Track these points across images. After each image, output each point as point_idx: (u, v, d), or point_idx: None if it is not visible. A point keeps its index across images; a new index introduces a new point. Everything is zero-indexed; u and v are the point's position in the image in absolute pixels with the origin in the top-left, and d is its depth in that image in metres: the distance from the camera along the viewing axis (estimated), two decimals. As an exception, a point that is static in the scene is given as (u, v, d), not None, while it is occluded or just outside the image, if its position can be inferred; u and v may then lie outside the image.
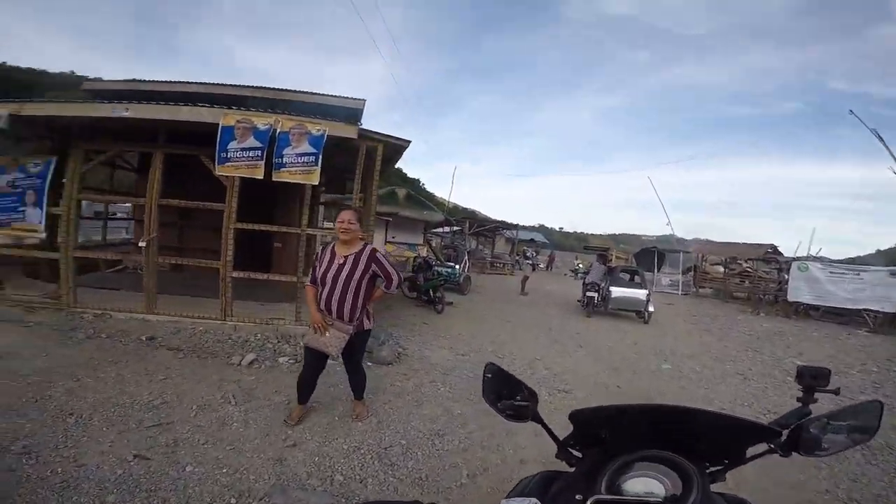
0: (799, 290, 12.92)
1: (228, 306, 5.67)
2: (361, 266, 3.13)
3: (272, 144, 5.07)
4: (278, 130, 5.09)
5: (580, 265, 23.47)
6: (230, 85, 7.94)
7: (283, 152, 5.10)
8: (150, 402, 3.53)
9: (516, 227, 24.78)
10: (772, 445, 0.98)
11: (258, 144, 5.06)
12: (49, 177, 5.51)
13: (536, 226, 58.13)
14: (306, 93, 7.01)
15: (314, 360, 3.30)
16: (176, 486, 2.53)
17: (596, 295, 10.77)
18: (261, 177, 5.08)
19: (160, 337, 5.10)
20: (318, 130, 5.14)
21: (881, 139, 12.76)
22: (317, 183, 5.22)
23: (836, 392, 1.27)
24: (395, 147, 5.96)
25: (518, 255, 25.73)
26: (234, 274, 5.60)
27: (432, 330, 7.48)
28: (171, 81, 8.01)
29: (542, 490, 1.02)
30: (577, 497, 0.88)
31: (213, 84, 7.86)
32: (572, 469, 1.07)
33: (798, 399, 1.22)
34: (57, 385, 3.62)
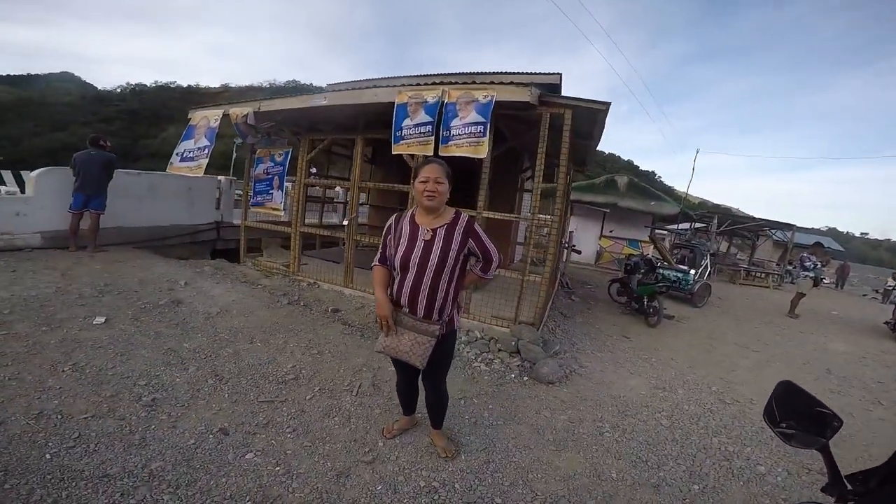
0: None
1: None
2: (456, 243, 2.29)
3: (440, 118, 4.68)
4: (445, 101, 4.65)
5: (894, 285, 16.91)
6: (426, 75, 8.16)
7: (451, 124, 4.61)
8: (285, 376, 3.54)
9: (791, 226, 18.92)
10: None
11: (428, 119, 4.70)
12: (286, 164, 6.61)
13: (823, 228, 43.20)
14: (496, 73, 6.33)
15: (404, 368, 2.62)
16: (214, 471, 2.39)
17: None
18: (431, 153, 4.73)
19: (344, 310, 5.39)
20: (486, 97, 4.44)
21: None
22: (484, 156, 4.53)
23: None
24: (589, 114, 4.67)
25: (792, 263, 19.51)
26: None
27: (632, 347, 5.94)
28: (383, 77, 8.77)
29: None
30: None
31: (415, 76, 8.20)
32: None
33: None
34: (234, 344, 4.02)
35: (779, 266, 18.91)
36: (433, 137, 4.68)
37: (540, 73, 7.60)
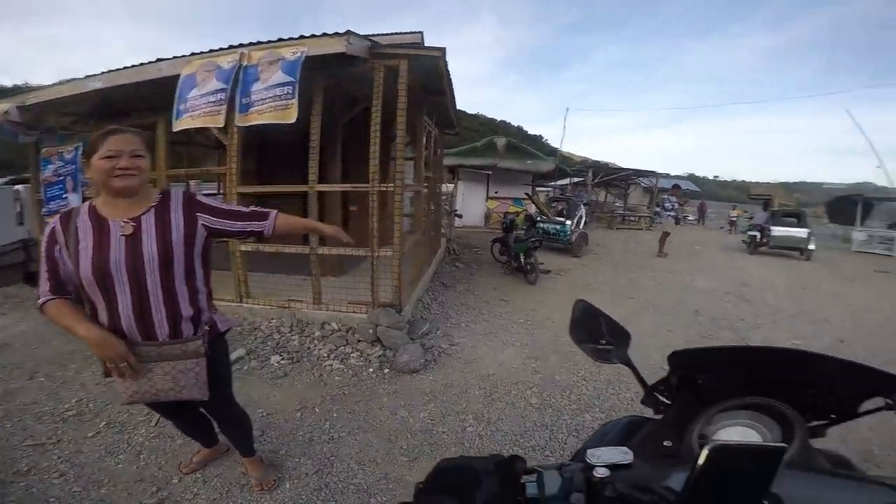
0: None
1: (243, 285, 4.65)
2: (179, 227, 1.62)
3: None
4: (245, 65, 3.79)
5: (738, 216, 21.07)
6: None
7: (251, 89, 3.79)
8: (65, 413, 2.98)
9: (655, 174, 20.83)
10: (889, 401, 0.81)
11: (220, 86, 3.81)
12: (78, 162, 5.31)
13: (685, 175, 49.43)
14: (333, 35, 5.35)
15: (173, 411, 2.02)
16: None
17: (758, 234, 12.21)
18: (221, 124, 3.82)
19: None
20: (294, 53, 3.66)
21: None
22: (292, 120, 3.72)
23: None
24: (428, 63, 4.18)
25: (657, 205, 21.59)
26: (243, 247, 4.55)
27: (510, 311, 5.63)
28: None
29: (625, 436, 0.93)
30: (666, 443, 0.83)
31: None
32: (659, 416, 0.99)
33: None
34: (5, 383, 3.38)
35: (648, 209, 20.73)
36: (225, 106, 3.78)
37: (399, 34, 6.69)
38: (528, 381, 3.75)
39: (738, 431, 0.85)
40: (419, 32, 6.72)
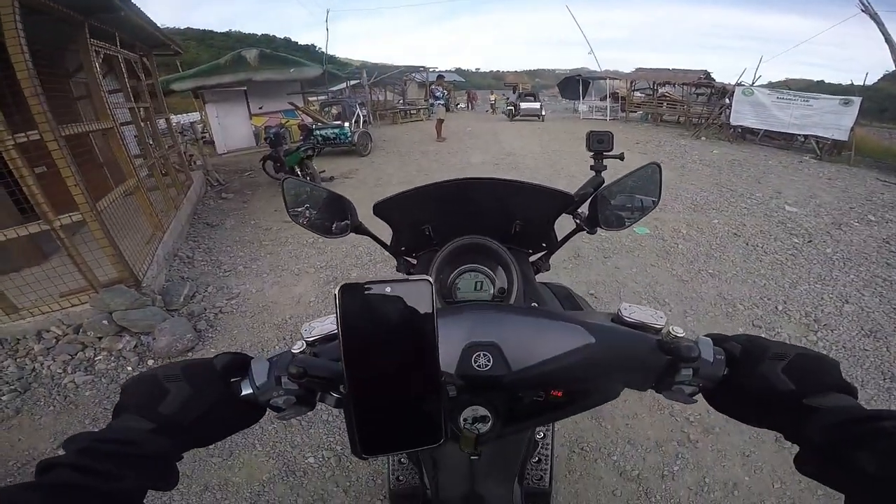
0: (742, 115, 11.99)
1: None
2: None
3: None
4: None
5: (494, 100, 25.76)
6: None
7: None
8: None
9: (425, 69, 21.49)
10: (578, 221, 0.95)
11: None
12: None
13: (453, 69, 52.38)
14: None
15: None
16: None
17: (513, 108, 18.40)
18: None
19: None
20: None
21: None
22: None
23: (621, 157, 1.14)
24: None
25: (431, 96, 22.52)
26: None
27: (297, 233, 4.82)
28: None
29: None
30: None
31: None
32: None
33: (591, 167, 1.11)
34: None
35: (426, 101, 21.34)
36: None
37: None
38: (333, 311, 3.26)
39: (466, 278, 0.83)
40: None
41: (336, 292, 0.39)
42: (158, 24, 5.33)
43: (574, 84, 22.00)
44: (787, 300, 3.41)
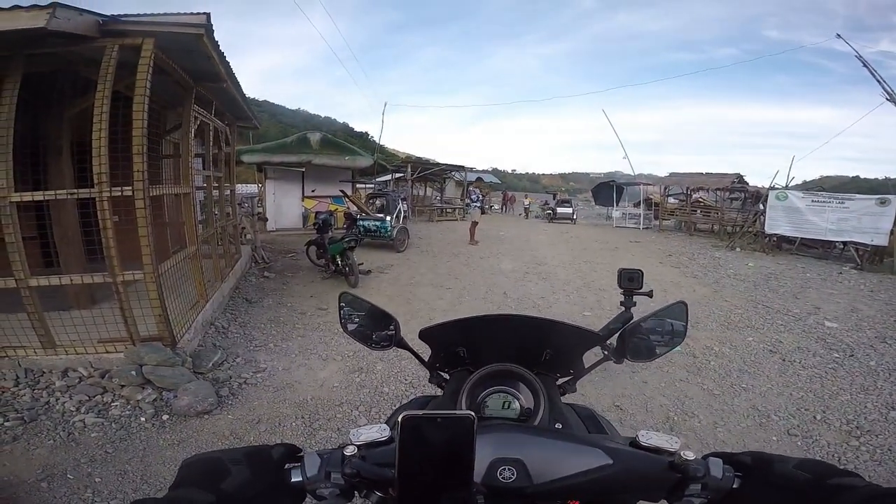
0: (776, 221, 11.59)
1: None
2: None
3: None
4: None
5: (529, 203, 27.61)
6: None
7: None
8: None
9: (464, 168, 22.91)
10: (606, 353, 1.06)
11: None
12: None
13: (489, 169, 55.73)
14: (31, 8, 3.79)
15: None
16: None
17: (551, 212, 22.26)
18: None
19: None
20: None
21: (866, 64, 10.70)
22: None
23: (650, 294, 1.34)
24: (186, 42, 3.40)
25: (467, 197, 23.66)
26: None
27: (329, 321, 5.00)
28: None
29: None
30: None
31: None
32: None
33: (621, 303, 1.26)
34: None
35: (462, 201, 22.39)
36: None
37: (172, 14, 4.86)
38: (354, 400, 3.34)
39: (499, 399, 0.90)
40: (205, 13, 4.08)
41: (399, 419, 0.49)
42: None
43: (607, 190, 22.80)
44: (826, 409, 3.28)
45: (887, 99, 9.99)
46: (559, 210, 22.03)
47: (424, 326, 0.97)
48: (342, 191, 11.47)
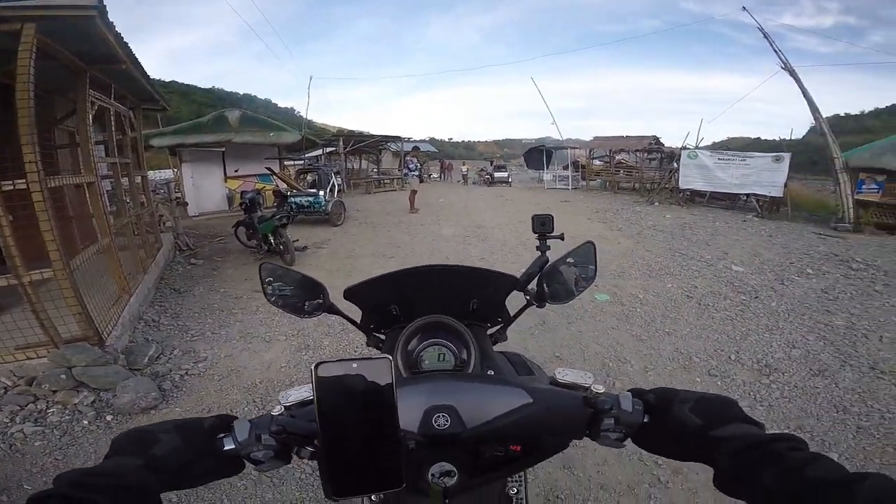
0: (689, 178, 12.85)
1: None
2: None
3: None
4: None
5: (467, 170, 27.52)
6: None
7: None
8: None
9: (400, 139, 22.46)
10: (528, 298, 1.06)
11: None
12: None
13: (427, 139, 55.08)
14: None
15: None
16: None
17: (490, 177, 23.42)
18: None
19: None
20: None
21: (766, 35, 11.52)
22: None
23: (561, 237, 1.30)
24: (79, 26, 3.00)
25: (405, 167, 23.35)
26: None
27: (267, 303, 4.80)
28: None
29: None
30: None
31: None
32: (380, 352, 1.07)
33: (537, 248, 1.24)
34: None
35: (400, 171, 22.11)
36: None
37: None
38: (304, 378, 3.23)
39: (430, 351, 0.92)
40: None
41: (312, 368, 0.48)
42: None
43: (538, 154, 23.75)
44: (738, 350, 3.68)
45: (782, 68, 10.98)
46: (496, 175, 23.32)
47: (349, 286, 0.97)
48: (269, 168, 10.91)
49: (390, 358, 0.50)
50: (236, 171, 12.88)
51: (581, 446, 2.37)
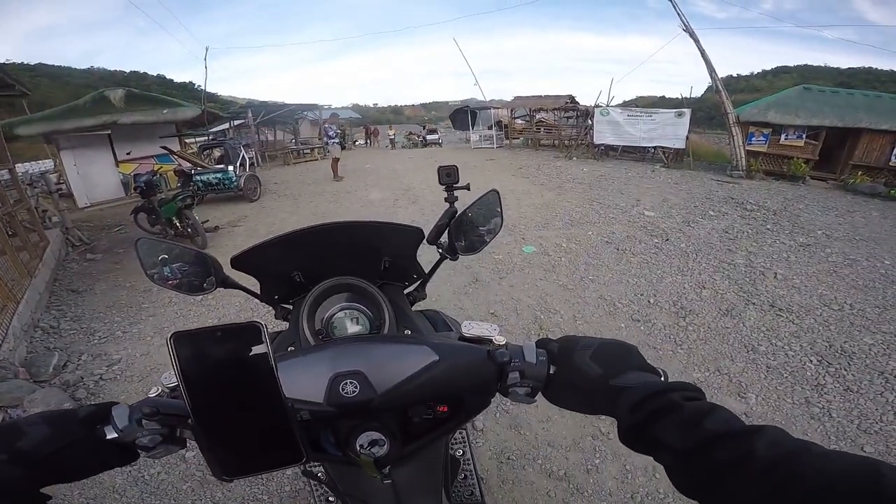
0: (603, 134, 13.54)
1: None
2: None
3: None
4: None
5: (394, 135, 27.72)
6: None
7: None
8: None
9: (317, 106, 21.41)
10: (441, 251, 1.04)
11: None
12: None
13: (349, 105, 52.38)
14: None
15: None
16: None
17: (422, 139, 25.92)
18: None
19: None
20: None
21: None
22: None
23: (467, 187, 1.30)
24: None
25: (325, 135, 22.33)
26: None
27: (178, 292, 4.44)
28: None
29: None
30: (290, 349, 0.82)
31: None
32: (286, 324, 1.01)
33: (445, 199, 1.20)
34: None
35: (320, 140, 21.05)
36: None
37: None
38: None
39: (341, 317, 0.85)
40: None
41: (168, 339, 0.43)
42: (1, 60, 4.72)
43: (463, 115, 23.73)
44: (656, 293, 3.96)
45: (684, 30, 11.63)
46: (429, 137, 25.91)
47: (234, 254, 0.88)
48: (164, 147, 9.87)
49: (261, 322, 0.45)
50: (128, 153, 11.48)
51: (525, 408, 2.45)
